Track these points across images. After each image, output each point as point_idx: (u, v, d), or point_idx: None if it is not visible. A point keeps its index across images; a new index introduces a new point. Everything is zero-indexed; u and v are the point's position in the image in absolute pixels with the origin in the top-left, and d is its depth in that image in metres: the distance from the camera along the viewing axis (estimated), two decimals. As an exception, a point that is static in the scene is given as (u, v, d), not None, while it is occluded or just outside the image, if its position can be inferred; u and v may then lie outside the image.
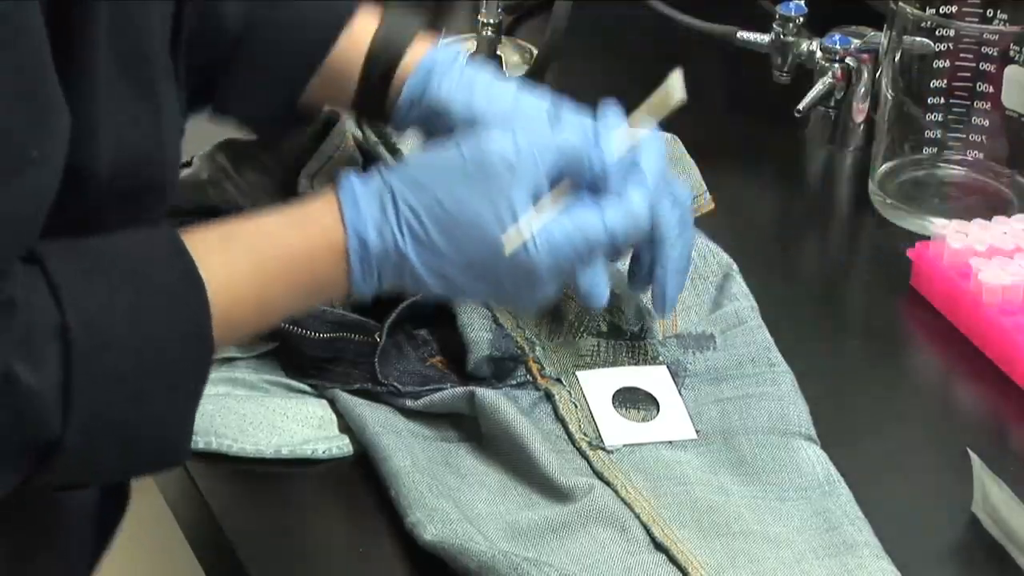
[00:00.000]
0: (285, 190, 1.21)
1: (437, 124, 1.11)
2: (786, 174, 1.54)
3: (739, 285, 1.24)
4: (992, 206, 1.41)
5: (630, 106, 1.12)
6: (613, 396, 1.13)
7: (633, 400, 1.14)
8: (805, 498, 1.07)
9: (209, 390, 1.01)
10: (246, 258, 0.97)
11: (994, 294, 1.27)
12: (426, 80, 1.12)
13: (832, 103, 1.54)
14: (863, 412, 1.21)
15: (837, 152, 1.55)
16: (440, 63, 1.13)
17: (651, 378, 1.15)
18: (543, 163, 1.02)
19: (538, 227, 1.01)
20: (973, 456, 1.09)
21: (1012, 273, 1.28)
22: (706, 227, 1.29)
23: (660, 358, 1.17)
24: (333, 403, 1.13)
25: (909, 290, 1.34)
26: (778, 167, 1.55)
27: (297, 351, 1.14)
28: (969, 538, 1.09)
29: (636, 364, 1.16)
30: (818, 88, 1.53)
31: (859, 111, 1.54)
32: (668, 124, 1.32)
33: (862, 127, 1.54)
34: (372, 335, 1.14)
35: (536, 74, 1.54)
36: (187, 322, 0.93)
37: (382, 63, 1.13)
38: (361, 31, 1.14)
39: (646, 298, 1.18)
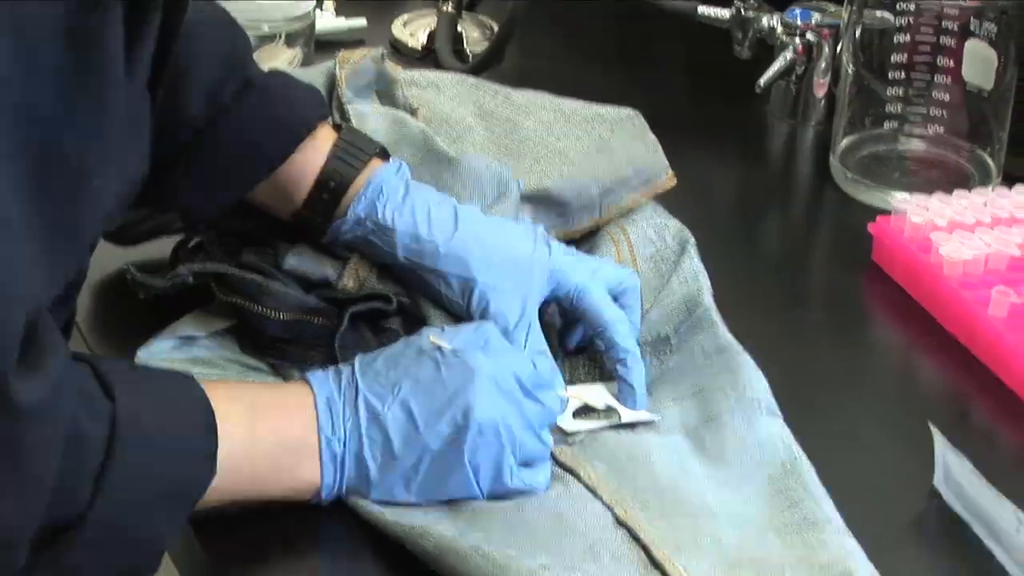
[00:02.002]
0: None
1: (377, 241, 1.14)
2: (747, 149, 1.53)
3: (692, 261, 1.23)
4: (953, 180, 1.41)
5: (589, 86, 1.11)
6: (573, 413, 1.13)
7: (593, 410, 1.14)
8: (767, 476, 1.07)
9: (166, 367, 1.02)
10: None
11: (955, 268, 1.27)
12: (372, 203, 1.14)
13: (793, 78, 1.53)
14: (824, 387, 1.20)
15: (798, 127, 1.55)
16: (387, 186, 1.14)
17: (611, 391, 1.14)
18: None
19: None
20: (935, 430, 1.08)
21: (973, 247, 1.28)
22: (667, 201, 1.29)
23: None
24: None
25: (870, 264, 1.34)
26: (739, 142, 1.54)
27: (256, 330, 1.13)
28: (931, 513, 1.08)
29: (594, 380, 1.16)
30: (779, 63, 1.52)
31: (820, 86, 1.53)
32: (628, 98, 1.32)
33: (823, 102, 1.54)
34: (332, 319, 1.13)
35: (496, 50, 1.53)
36: (199, 443, 0.97)
37: (333, 184, 1.14)
38: (319, 145, 1.15)
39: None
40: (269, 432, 1.01)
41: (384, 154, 1.17)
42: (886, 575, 0.99)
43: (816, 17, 1.51)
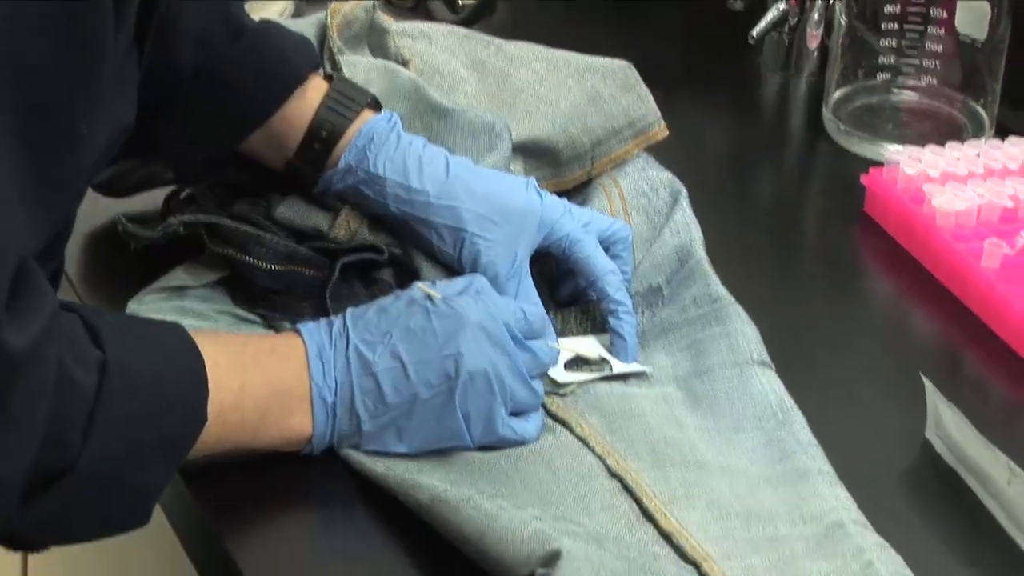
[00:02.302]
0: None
1: (368, 192, 1.14)
2: (740, 101, 1.53)
3: (684, 213, 1.23)
4: (945, 132, 1.40)
5: (580, 37, 1.10)
6: (565, 365, 1.13)
7: (584, 362, 1.13)
8: (759, 428, 1.07)
9: (157, 318, 1.01)
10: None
11: (947, 219, 1.26)
12: (363, 152, 1.13)
13: (786, 29, 1.53)
14: (817, 339, 1.20)
15: (791, 78, 1.54)
16: (378, 136, 1.13)
17: (602, 343, 1.14)
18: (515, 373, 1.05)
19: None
20: (926, 381, 1.08)
21: (965, 198, 1.28)
22: (660, 155, 1.28)
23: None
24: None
25: (863, 216, 1.34)
26: (732, 94, 1.53)
27: (247, 281, 1.13)
28: (922, 463, 1.08)
29: (586, 333, 1.16)
30: (772, 14, 1.52)
31: (813, 37, 1.52)
32: (620, 51, 1.31)
33: (816, 53, 1.53)
34: (323, 270, 1.12)
35: (488, 1, 1.52)
36: (189, 392, 0.97)
37: (325, 134, 1.13)
38: (310, 96, 1.14)
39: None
40: (260, 380, 1.01)
41: (376, 104, 1.17)
42: (877, 525, 0.99)
43: (809, -32, 1.51)
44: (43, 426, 0.88)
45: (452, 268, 1.14)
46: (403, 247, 1.15)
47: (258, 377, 1.01)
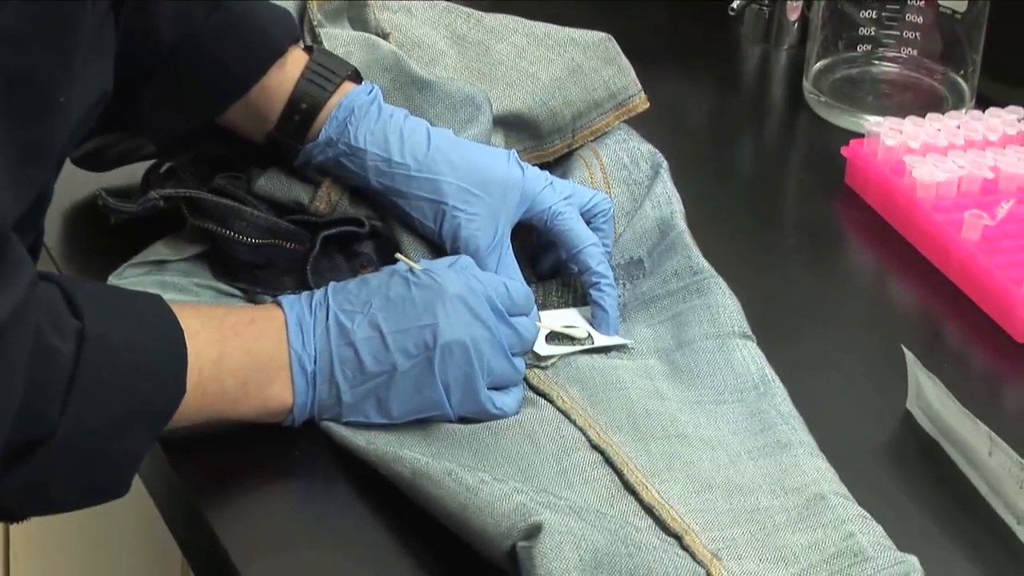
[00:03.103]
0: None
1: (349, 164, 1.13)
2: (720, 73, 1.52)
3: (664, 185, 1.22)
4: (926, 103, 1.40)
5: (561, 10, 1.09)
6: (546, 338, 1.11)
7: (566, 335, 1.13)
8: (740, 400, 1.07)
9: (139, 291, 1.01)
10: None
11: (928, 191, 1.26)
12: (343, 125, 1.13)
13: (766, 1, 1.52)
14: (798, 311, 1.20)
15: (771, 50, 1.54)
16: (358, 108, 1.13)
17: (584, 316, 1.14)
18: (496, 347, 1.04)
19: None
20: (907, 352, 1.08)
21: (946, 170, 1.27)
22: (640, 127, 1.28)
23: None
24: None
25: (843, 188, 1.33)
26: (712, 66, 1.53)
27: (228, 255, 1.12)
28: (903, 434, 1.08)
29: (567, 305, 1.15)
30: (752, -15, 1.51)
31: (793, 9, 1.52)
32: (601, 24, 1.30)
33: (796, 25, 1.52)
34: (304, 244, 1.12)
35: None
36: (168, 362, 0.96)
37: (305, 106, 1.12)
38: (290, 69, 1.13)
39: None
40: (239, 350, 1.00)
41: (356, 77, 1.16)
42: (859, 497, 0.99)
43: (789, -61, 1.50)
44: (20, 395, 0.88)
45: (433, 241, 1.13)
46: (384, 220, 1.15)
47: (237, 347, 1.00)
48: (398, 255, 1.09)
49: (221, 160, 1.17)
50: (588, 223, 1.15)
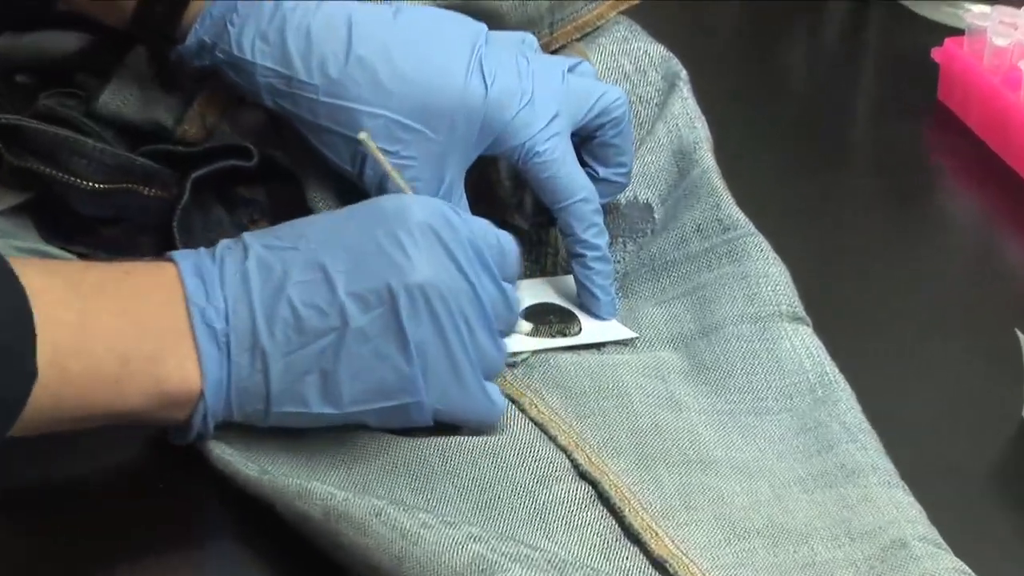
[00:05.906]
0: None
1: (236, 79, 1.13)
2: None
3: (684, 103, 1.22)
4: (1050, -12, 1.42)
5: None
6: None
7: (543, 315, 1.15)
8: (789, 408, 1.08)
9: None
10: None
11: (1054, 109, 1.28)
12: (220, 24, 1.12)
13: None
14: (872, 284, 1.21)
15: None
16: (242, 5, 1.12)
17: (565, 287, 1.16)
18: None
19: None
20: (1023, 339, 1.08)
21: (1079, 80, 1.29)
22: (648, 23, 1.28)
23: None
24: None
25: (935, 105, 1.36)
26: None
27: (61, 206, 1.13)
28: (1018, 451, 1.08)
29: (544, 271, 1.18)
30: None
31: None
32: None
33: None
34: (169, 188, 1.12)
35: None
36: (7, 333, 0.94)
37: None
38: None
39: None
40: (110, 311, 0.98)
41: None
42: (957, 540, 0.98)
43: None
44: None
45: (355, 184, 1.12)
46: (285, 149, 1.14)
47: (107, 307, 0.98)
48: (362, 135, 1.07)
49: (56, 73, 1.18)
50: (592, 139, 1.14)
